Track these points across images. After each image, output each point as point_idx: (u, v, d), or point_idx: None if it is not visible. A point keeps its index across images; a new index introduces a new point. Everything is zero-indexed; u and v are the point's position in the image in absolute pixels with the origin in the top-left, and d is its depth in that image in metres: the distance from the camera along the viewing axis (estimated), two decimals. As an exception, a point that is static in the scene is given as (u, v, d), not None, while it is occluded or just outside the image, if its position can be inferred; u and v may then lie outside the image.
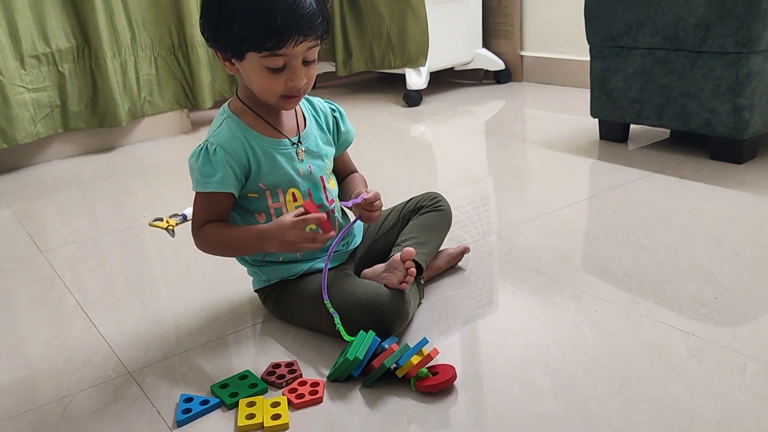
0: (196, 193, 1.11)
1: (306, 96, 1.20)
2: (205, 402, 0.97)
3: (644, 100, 1.91)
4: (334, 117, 1.23)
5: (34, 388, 1.07)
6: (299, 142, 1.15)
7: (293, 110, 1.17)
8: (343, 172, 1.28)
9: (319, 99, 1.24)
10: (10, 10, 2.23)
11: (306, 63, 1.06)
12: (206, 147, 1.08)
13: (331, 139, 1.22)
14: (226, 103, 1.16)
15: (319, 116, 1.21)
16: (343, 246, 1.23)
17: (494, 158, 2.16)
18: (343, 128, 1.24)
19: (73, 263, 1.55)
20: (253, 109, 1.13)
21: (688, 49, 1.77)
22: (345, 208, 1.26)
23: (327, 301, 1.06)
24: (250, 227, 1.10)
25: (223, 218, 1.12)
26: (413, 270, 1.10)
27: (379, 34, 2.95)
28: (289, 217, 1.04)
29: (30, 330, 1.27)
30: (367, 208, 1.10)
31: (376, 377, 0.98)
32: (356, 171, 1.31)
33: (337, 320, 1.05)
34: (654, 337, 1.06)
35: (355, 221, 1.14)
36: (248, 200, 1.13)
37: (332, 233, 1.05)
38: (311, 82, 1.09)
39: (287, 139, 1.14)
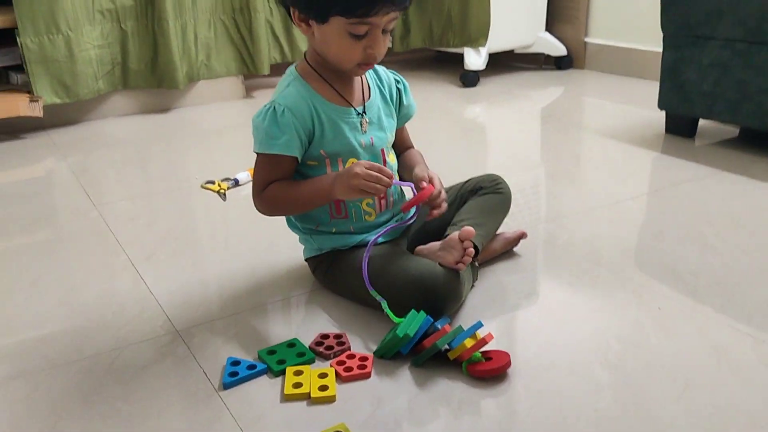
0: (259, 154, 1.09)
1: None
2: (252, 367, 0.96)
3: (717, 94, 1.82)
4: (398, 89, 1.20)
5: (84, 339, 1.07)
6: (364, 112, 1.12)
7: (359, 79, 1.15)
8: (400, 146, 1.25)
9: (384, 68, 1.21)
10: (78, -36, 2.24)
11: (384, 32, 1.04)
12: (274, 107, 1.06)
13: (394, 111, 1.19)
14: (293, 65, 1.13)
15: (383, 86, 1.18)
16: (395, 221, 1.20)
17: (551, 145, 2.09)
18: (405, 101, 1.21)
19: (125, 219, 1.56)
20: (322, 75, 1.10)
21: (771, 43, 1.67)
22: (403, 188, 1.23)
23: (372, 291, 1.04)
24: (317, 177, 1.09)
25: (286, 179, 1.10)
26: (471, 251, 1.07)
27: (439, 11, 2.89)
28: (354, 173, 1.02)
29: (81, 281, 1.28)
30: (431, 204, 1.07)
31: (427, 357, 0.96)
32: (413, 147, 1.28)
33: (384, 306, 1.03)
34: (721, 341, 1.00)
35: (410, 220, 1.13)
36: (307, 167, 1.11)
37: (394, 180, 1.04)
38: (384, 52, 1.07)
39: (353, 108, 1.12)
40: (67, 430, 0.86)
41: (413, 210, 1.15)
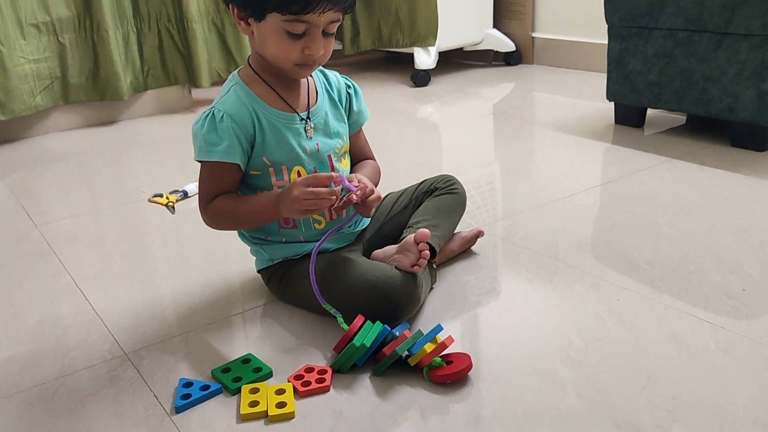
0: (202, 164, 1.05)
1: (321, 68, 1.14)
2: (205, 387, 0.92)
3: (663, 83, 1.84)
4: (348, 93, 1.17)
5: (25, 368, 1.01)
6: (308, 117, 1.09)
7: (305, 83, 1.11)
8: (356, 156, 1.21)
9: (336, 73, 1.18)
10: (8, -25, 2.15)
11: (325, 35, 1.01)
12: (212, 113, 1.02)
13: (345, 115, 1.16)
14: (236, 71, 1.09)
15: (332, 90, 1.15)
16: (350, 227, 1.17)
17: (504, 141, 2.09)
18: (356, 107, 1.17)
19: (68, 238, 1.49)
20: (264, 79, 1.07)
21: (711, 31, 1.70)
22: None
23: (326, 305, 1.00)
24: (262, 194, 1.05)
25: (231, 192, 1.06)
26: (427, 252, 1.05)
27: (387, 11, 2.87)
28: (295, 189, 0.98)
29: (22, 306, 1.21)
30: (359, 202, 1.03)
31: (387, 365, 0.93)
32: (372, 158, 1.24)
33: (340, 320, 0.99)
34: (680, 330, 1.00)
35: (346, 224, 1.09)
36: (251, 177, 1.07)
37: (336, 190, 0.99)
38: (328, 55, 1.03)
39: (296, 114, 1.08)
40: (7, 469, 0.81)
41: (351, 213, 1.12)
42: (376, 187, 1.09)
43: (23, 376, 0.99)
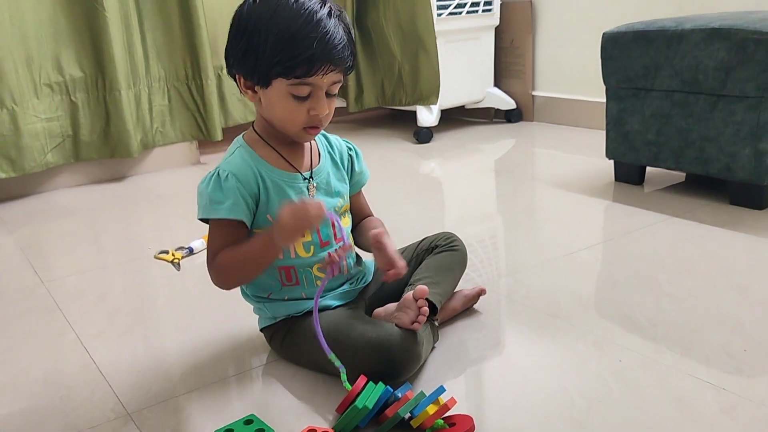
0: (210, 223, 1.07)
1: (323, 132, 1.18)
2: (207, 449, 0.92)
3: (662, 142, 1.88)
4: (350, 155, 1.21)
5: (29, 426, 1.01)
6: (311, 177, 1.12)
7: (308, 145, 1.15)
8: (358, 215, 1.25)
9: (336, 137, 1.22)
10: (26, 39, 2.23)
11: (328, 95, 1.05)
12: (218, 173, 1.06)
13: (346, 176, 1.19)
14: (241, 135, 1.13)
15: (334, 152, 1.19)
16: (351, 284, 1.19)
17: (505, 197, 2.12)
18: (357, 168, 1.21)
19: (74, 295, 1.51)
20: (268, 142, 1.11)
21: (707, 93, 1.74)
22: (358, 252, 1.22)
23: (331, 355, 1.00)
24: (255, 239, 1.05)
25: None
26: (426, 309, 1.06)
27: (390, 71, 2.95)
28: (281, 220, 0.99)
29: (27, 363, 1.22)
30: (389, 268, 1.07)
31: (390, 427, 0.93)
32: (371, 214, 1.27)
33: (342, 375, 0.99)
34: (683, 391, 1.00)
35: (329, 275, 1.05)
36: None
37: (321, 204, 0.98)
38: (331, 115, 1.08)
39: (299, 173, 1.11)
40: None
41: (351, 270, 1.14)
42: None
43: (26, 436, 0.99)
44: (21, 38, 2.21)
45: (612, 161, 2.09)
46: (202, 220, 1.09)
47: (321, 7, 1.01)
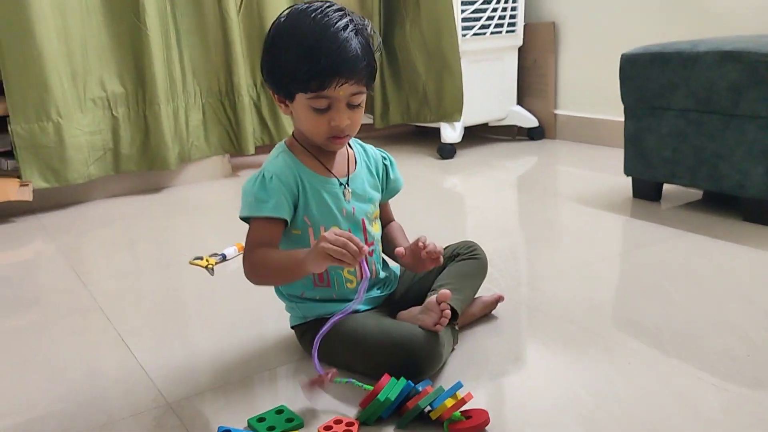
0: (251, 220, 1.14)
1: (360, 142, 1.27)
2: (242, 434, 1.00)
3: (677, 160, 1.94)
4: (385, 164, 1.29)
5: (75, 415, 1.10)
6: (347, 183, 1.20)
7: (345, 153, 1.23)
8: (382, 219, 1.32)
9: (372, 146, 1.30)
10: (72, 55, 2.36)
11: (351, 107, 1.12)
12: (263, 175, 1.14)
13: (379, 184, 1.27)
14: (283, 140, 1.22)
15: (369, 161, 1.27)
16: (380, 290, 1.26)
17: (526, 212, 2.19)
18: (392, 176, 1.29)
19: (114, 296, 1.61)
20: (307, 148, 1.19)
21: (720, 112, 1.80)
22: (385, 258, 1.30)
23: (336, 378, 1.05)
24: (291, 253, 1.11)
25: (273, 246, 1.14)
26: (448, 312, 1.13)
27: (415, 89, 3.04)
28: (321, 242, 1.02)
29: (72, 359, 1.31)
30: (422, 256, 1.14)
31: (411, 418, 1.00)
32: (393, 219, 1.36)
33: (356, 383, 1.05)
34: (686, 390, 1.06)
35: (361, 293, 1.07)
36: (291, 237, 1.18)
37: (365, 249, 1.02)
38: (356, 126, 1.14)
39: (336, 179, 1.19)
40: (63, 502, 0.89)
41: (380, 274, 1.21)
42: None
43: (74, 423, 1.08)
44: (67, 54, 2.35)
45: (630, 178, 2.15)
46: (244, 219, 1.16)
47: (338, 21, 1.07)
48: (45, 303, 1.62)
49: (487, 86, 3.03)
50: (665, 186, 2.15)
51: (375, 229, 1.25)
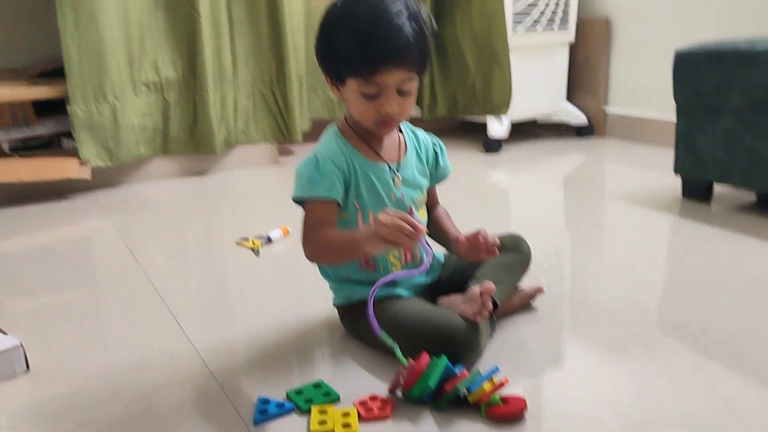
0: (306, 203, 1.16)
1: (412, 127, 1.28)
2: (280, 405, 1.03)
3: (730, 161, 1.89)
4: (435, 151, 1.29)
5: (126, 380, 1.15)
6: (397, 169, 1.21)
7: (396, 138, 1.24)
8: (428, 203, 1.32)
9: (423, 131, 1.30)
10: (130, 40, 2.44)
11: (402, 93, 1.12)
12: (317, 158, 1.15)
13: (428, 171, 1.28)
14: (334, 123, 1.24)
15: (420, 147, 1.27)
16: (425, 276, 1.27)
17: (572, 209, 2.17)
18: (441, 163, 1.30)
19: (165, 274, 1.66)
20: (358, 133, 1.20)
21: (778, 113, 1.75)
22: (430, 243, 1.30)
23: (382, 335, 1.07)
24: (350, 234, 1.12)
25: (331, 225, 1.15)
26: (489, 305, 1.13)
27: (463, 82, 3.04)
28: (375, 227, 1.04)
29: (126, 329, 1.37)
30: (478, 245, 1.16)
31: (448, 400, 1.01)
32: (438, 203, 1.36)
33: (398, 352, 1.07)
34: (729, 393, 1.04)
35: (418, 270, 1.11)
36: (341, 221, 1.19)
37: (421, 227, 1.03)
38: (407, 112, 1.15)
39: (386, 164, 1.21)
40: (110, 460, 0.94)
41: (424, 261, 1.22)
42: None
43: (125, 385, 1.13)
44: (126, 40, 2.43)
45: (680, 178, 2.10)
46: (297, 201, 1.18)
47: (392, 6, 1.08)
48: (101, 277, 1.68)
49: (536, 82, 3.01)
50: (717, 187, 2.11)
51: (422, 215, 1.26)
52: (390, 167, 1.21)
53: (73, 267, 1.74)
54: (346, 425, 0.97)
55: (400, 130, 1.27)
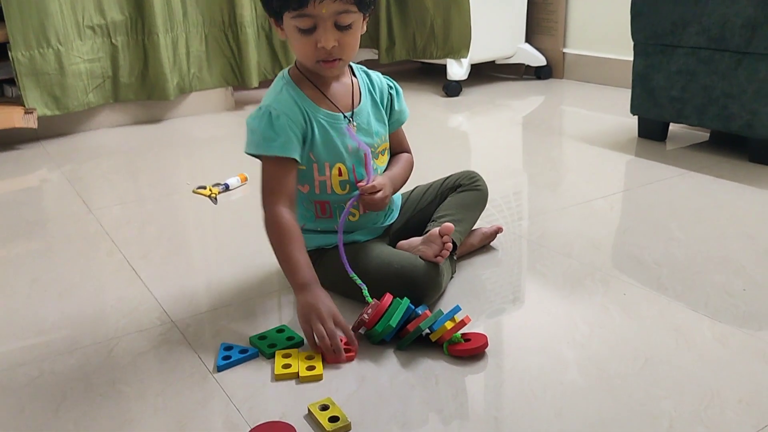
0: (262, 159, 1.12)
1: (365, 69, 1.23)
2: (244, 351, 1.02)
3: (686, 99, 1.91)
4: (390, 94, 1.25)
5: (83, 330, 1.13)
6: (352, 117, 1.18)
7: (349, 83, 1.19)
8: (394, 148, 1.29)
9: (378, 74, 1.25)
10: (71, -20, 2.31)
11: (340, 28, 1.06)
12: (270, 112, 1.10)
13: (385, 116, 1.24)
14: (285, 69, 1.19)
15: (375, 91, 1.23)
16: (379, 220, 1.26)
17: (531, 150, 2.18)
18: (397, 107, 1.25)
19: (119, 223, 1.62)
20: (310, 79, 1.15)
21: (733, 50, 1.77)
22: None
23: (352, 275, 1.09)
24: (301, 261, 1.07)
25: (291, 191, 1.11)
26: (450, 245, 1.14)
27: (422, 24, 2.98)
28: (325, 308, 1.01)
29: (79, 279, 1.34)
30: (366, 196, 1.14)
31: (411, 340, 1.02)
32: (408, 150, 1.32)
33: (365, 292, 1.08)
34: (680, 322, 1.08)
35: (351, 203, 1.14)
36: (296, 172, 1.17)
37: (342, 357, 1.00)
38: (348, 50, 1.09)
39: (341, 114, 1.17)
40: (70, 410, 0.92)
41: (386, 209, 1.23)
42: (406, 179, 1.23)
43: (83, 336, 1.11)
44: (66, -20, 2.30)
45: (636, 118, 2.13)
46: (252, 155, 1.13)
47: None
48: (52, 227, 1.63)
49: (495, 22, 2.97)
50: (672, 126, 2.14)
51: (380, 163, 1.23)
52: (344, 115, 1.17)
53: (23, 218, 1.68)
54: (311, 368, 0.97)
55: (354, 74, 1.22)
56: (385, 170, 1.25)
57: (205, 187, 1.79)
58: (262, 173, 1.13)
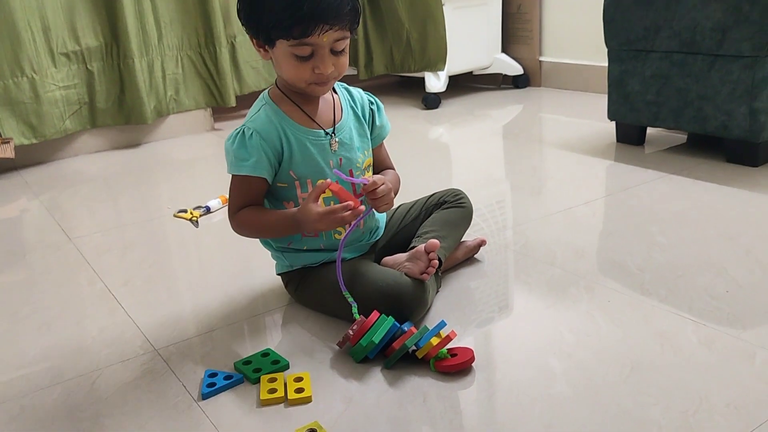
0: (232, 176, 1.14)
1: (346, 86, 1.24)
2: (228, 377, 1.01)
3: (661, 102, 1.93)
4: (371, 109, 1.25)
5: (65, 363, 1.11)
6: (334, 133, 1.18)
7: (330, 100, 1.20)
8: (378, 166, 1.29)
9: (359, 90, 1.26)
10: (43, 9, 2.30)
11: (335, 53, 1.08)
12: (243, 131, 1.12)
13: (368, 131, 1.24)
14: (266, 90, 1.19)
15: (356, 106, 1.23)
16: (365, 238, 1.26)
17: (511, 159, 2.19)
18: (378, 122, 1.26)
19: (100, 250, 1.60)
20: (291, 98, 1.15)
21: (704, 53, 1.79)
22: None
23: (345, 292, 1.09)
24: (282, 212, 1.14)
25: (257, 202, 1.15)
26: (436, 262, 1.13)
27: (398, 38, 3.00)
28: (315, 210, 1.06)
29: (60, 310, 1.32)
30: (370, 196, 1.12)
31: (397, 358, 1.02)
32: (392, 168, 1.32)
33: (354, 310, 1.08)
34: (665, 326, 1.08)
35: (366, 213, 1.12)
36: (278, 189, 1.17)
37: (361, 208, 1.06)
38: (342, 71, 1.11)
39: (322, 130, 1.16)
40: (54, 447, 0.91)
41: (369, 225, 1.22)
42: (397, 187, 1.23)
43: (64, 369, 1.09)
44: (38, 8, 2.29)
45: (614, 123, 2.14)
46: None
47: None
48: (32, 258, 1.61)
49: (471, 34, 2.99)
50: (649, 130, 2.16)
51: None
52: (326, 131, 1.17)
53: (2, 249, 1.66)
54: (299, 390, 0.96)
55: (335, 91, 1.23)
56: None
57: (186, 211, 1.78)
58: (230, 189, 1.15)
